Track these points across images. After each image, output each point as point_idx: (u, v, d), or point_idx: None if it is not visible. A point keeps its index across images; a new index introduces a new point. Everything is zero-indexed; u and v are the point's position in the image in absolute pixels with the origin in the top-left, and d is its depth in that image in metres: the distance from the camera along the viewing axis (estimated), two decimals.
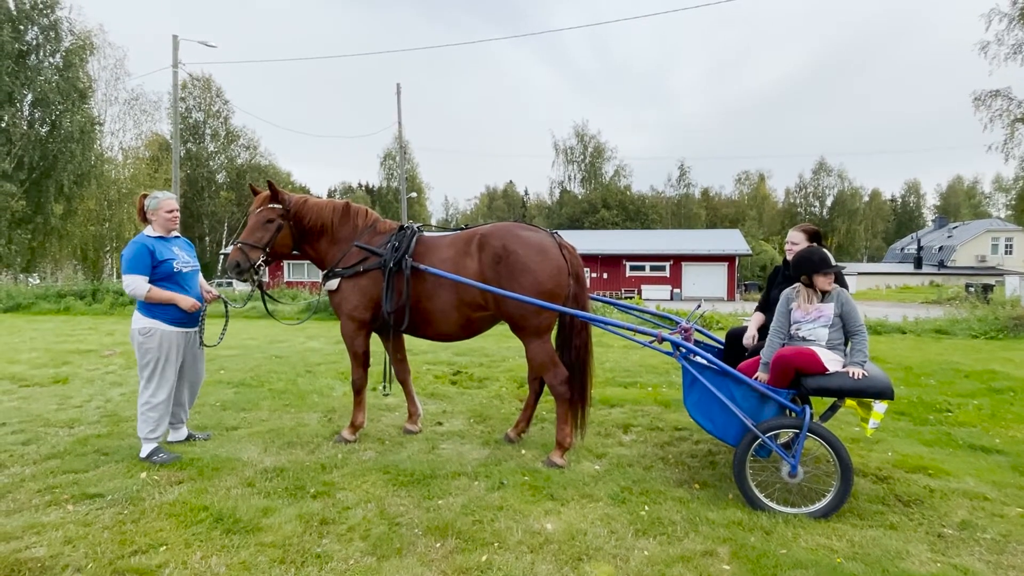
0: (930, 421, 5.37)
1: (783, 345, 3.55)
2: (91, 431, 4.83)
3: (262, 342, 9.62)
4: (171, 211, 4.23)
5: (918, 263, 49.34)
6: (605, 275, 38.94)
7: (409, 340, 5.06)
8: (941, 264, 48.68)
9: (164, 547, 2.99)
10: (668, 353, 3.72)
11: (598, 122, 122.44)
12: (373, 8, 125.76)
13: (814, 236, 3.96)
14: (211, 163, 51.65)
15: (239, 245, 4.29)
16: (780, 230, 68.89)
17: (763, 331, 4.07)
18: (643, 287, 37.37)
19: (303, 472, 3.96)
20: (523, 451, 4.44)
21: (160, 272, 4.12)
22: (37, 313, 15.02)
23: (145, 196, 4.30)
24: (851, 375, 3.25)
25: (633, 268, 39.00)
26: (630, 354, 8.79)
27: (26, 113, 25.52)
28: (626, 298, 29.26)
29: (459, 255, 4.16)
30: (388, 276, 4.17)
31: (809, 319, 3.46)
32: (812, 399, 3.69)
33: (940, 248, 51.77)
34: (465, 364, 7.88)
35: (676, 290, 37.57)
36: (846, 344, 3.56)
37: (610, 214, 56.47)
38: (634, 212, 57.99)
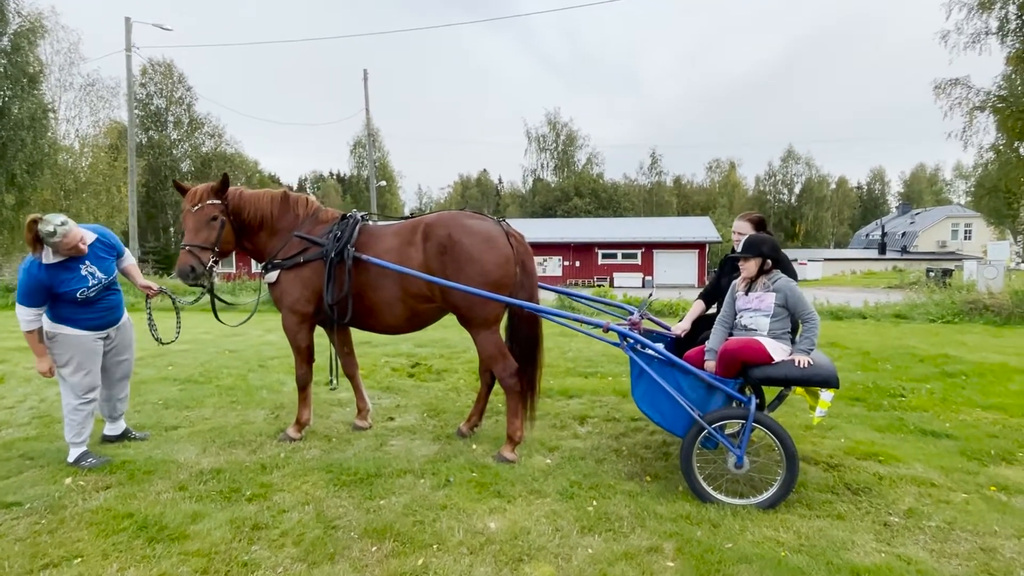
0: (884, 406, 5.39)
1: (730, 334, 3.49)
2: (19, 434, 4.57)
3: (216, 336, 9.32)
4: (70, 248, 3.64)
5: (882, 249, 50.46)
6: (577, 263, 38.99)
7: (368, 333, 4.88)
8: (904, 250, 49.88)
9: (79, 559, 2.80)
10: (615, 344, 3.62)
11: (572, 110, 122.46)
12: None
13: (759, 224, 3.90)
14: (174, 151, 50.14)
15: (187, 248, 3.98)
16: None
17: (700, 322, 4.04)
18: (615, 275, 37.54)
19: (240, 473, 3.78)
20: (474, 446, 4.32)
21: (64, 299, 3.75)
22: None
23: (36, 221, 3.58)
24: (796, 363, 3.19)
25: (605, 256, 39.09)
26: (593, 343, 8.71)
27: None
28: (597, 286, 29.29)
29: (403, 245, 4.00)
30: (329, 267, 3.98)
31: (751, 308, 3.40)
32: (765, 388, 3.64)
33: (903, 234, 53.04)
34: (425, 356, 7.72)
35: (648, 277, 37.79)
36: (796, 333, 3.51)
37: (583, 202, 56.45)
38: (606, 200, 58.06)
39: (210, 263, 4.04)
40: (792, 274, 3.57)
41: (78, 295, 3.76)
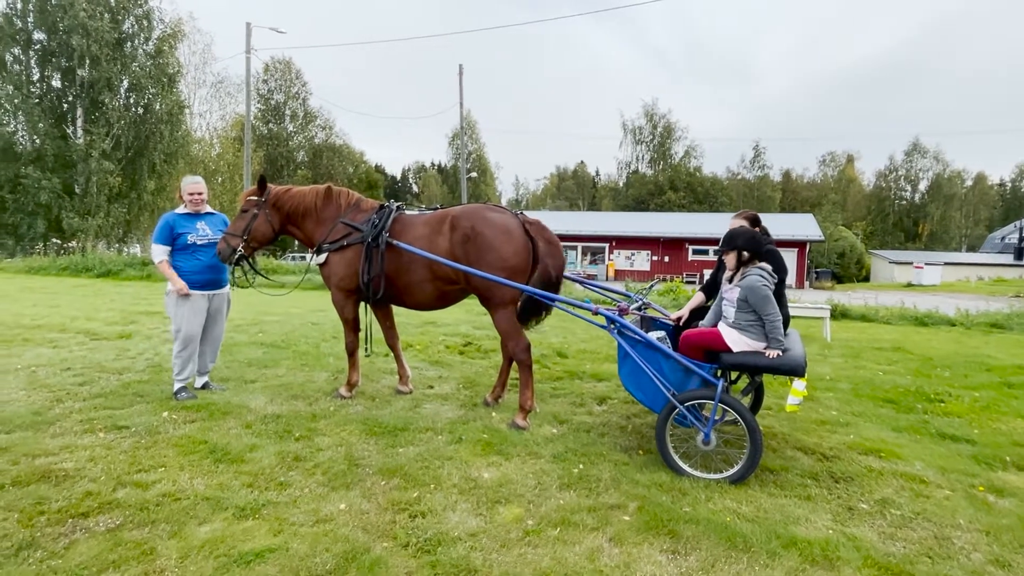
0: (916, 410, 5.33)
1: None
2: (135, 377, 5.64)
3: (304, 310, 10.47)
4: (191, 193, 4.97)
5: (1019, 253, 45.36)
6: (667, 258, 38.29)
7: (434, 313, 5.53)
8: None
9: (162, 468, 3.62)
10: (603, 327, 4.00)
11: (676, 102, 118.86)
12: None
13: (754, 222, 4.10)
14: (290, 143, 54.24)
15: (224, 235, 4.92)
16: (866, 215, 65.12)
17: (699, 312, 4.29)
18: (705, 271, 36.51)
19: (295, 419, 4.54)
20: (494, 414, 4.85)
21: (177, 244, 4.88)
22: (124, 279, 16.77)
23: (185, 176, 5.17)
24: (766, 354, 3.43)
25: (696, 252, 38.08)
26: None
27: (122, 97, 27.97)
28: (687, 283, 28.75)
29: (432, 233, 4.57)
30: (367, 250, 4.64)
31: (727, 298, 3.67)
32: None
33: None
34: (479, 337, 8.33)
35: None
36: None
37: (677, 196, 55.10)
38: (703, 194, 56.28)
39: (239, 247, 4.85)
40: (779, 266, 3.78)
41: (188, 239, 4.87)
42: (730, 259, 3.67)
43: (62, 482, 3.39)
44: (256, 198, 4.93)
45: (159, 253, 4.88)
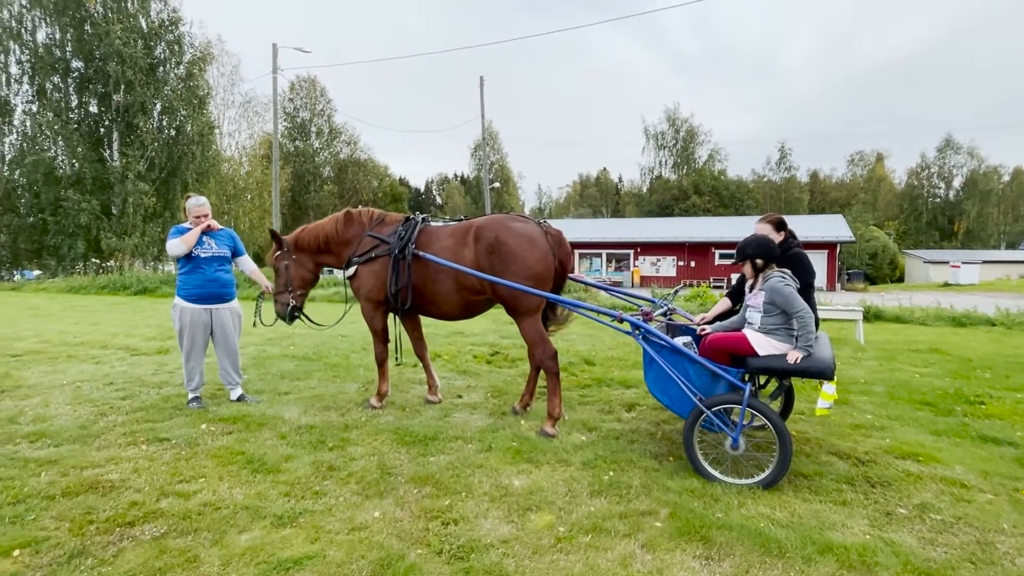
0: (955, 412, 5.20)
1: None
2: (174, 391, 5.81)
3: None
4: (198, 216, 5.19)
5: None
6: (693, 263, 37.89)
7: (461, 323, 5.60)
8: None
9: (203, 479, 3.73)
10: (628, 333, 4.00)
11: (700, 105, 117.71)
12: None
13: (779, 225, 4.07)
14: (316, 159, 55.27)
15: (274, 300, 5.25)
16: (898, 214, 63.70)
17: (725, 316, 4.26)
18: (733, 276, 36.01)
19: (328, 430, 4.63)
20: (523, 422, 4.88)
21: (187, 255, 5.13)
22: (160, 296, 17.25)
23: (188, 197, 5.31)
24: (789, 358, 3.41)
25: (723, 256, 37.58)
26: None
27: (156, 120, 28.93)
28: (715, 287, 28.40)
29: (457, 245, 4.64)
30: (394, 262, 4.74)
31: (751, 304, 3.65)
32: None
33: None
34: (506, 346, 8.38)
35: None
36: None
37: (701, 200, 54.58)
38: (728, 198, 55.64)
39: (291, 302, 5.15)
40: (806, 270, 3.74)
41: (193, 251, 5.06)
42: (747, 269, 3.68)
43: (109, 492, 3.52)
44: (279, 252, 5.15)
45: (176, 241, 5.05)
